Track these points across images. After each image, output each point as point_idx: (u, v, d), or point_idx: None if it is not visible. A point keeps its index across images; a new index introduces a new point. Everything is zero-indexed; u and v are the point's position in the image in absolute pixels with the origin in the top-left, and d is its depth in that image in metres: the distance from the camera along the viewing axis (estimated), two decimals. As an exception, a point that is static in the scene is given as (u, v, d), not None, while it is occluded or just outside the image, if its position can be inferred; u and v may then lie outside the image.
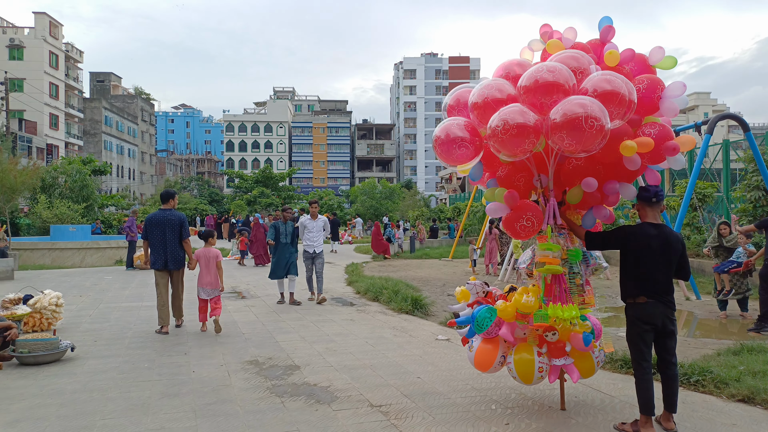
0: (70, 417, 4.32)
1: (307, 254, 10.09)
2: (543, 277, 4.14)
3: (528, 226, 4.25)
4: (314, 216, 10.14)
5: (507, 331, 4.21)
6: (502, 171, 4.51)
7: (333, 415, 4.37)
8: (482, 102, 4.10)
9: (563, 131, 3.68)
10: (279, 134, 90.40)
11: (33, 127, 46.43)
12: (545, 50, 4.43)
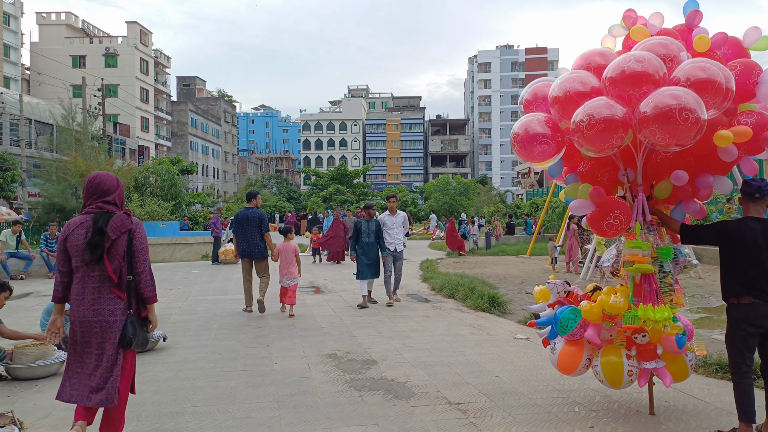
0: (164, 403, 4.58)
1: (387, 252, 9.52)
2: (631, 277, 3.96)
3: (615, 224, 4.06)
4: (393, 211, 9.67)
5: (593, 333, 4.04)
6: (584, 166, 4.32)
7: (411, 411, 4.39)
8: (564, 96, 3.93)
9: (655, 125, 3.49)
10: (353, 132, 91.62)
11: (126, 130, 49.50)
12: (628, 37, 4.22)
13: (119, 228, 3.48)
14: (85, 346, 3.44)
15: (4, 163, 28.78)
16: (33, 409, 4.41)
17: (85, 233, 3.45)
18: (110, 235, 3.44)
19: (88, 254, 3.43)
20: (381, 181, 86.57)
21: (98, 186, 3.57)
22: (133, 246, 3.53)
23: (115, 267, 3.45)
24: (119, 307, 3.46)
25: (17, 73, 51.70)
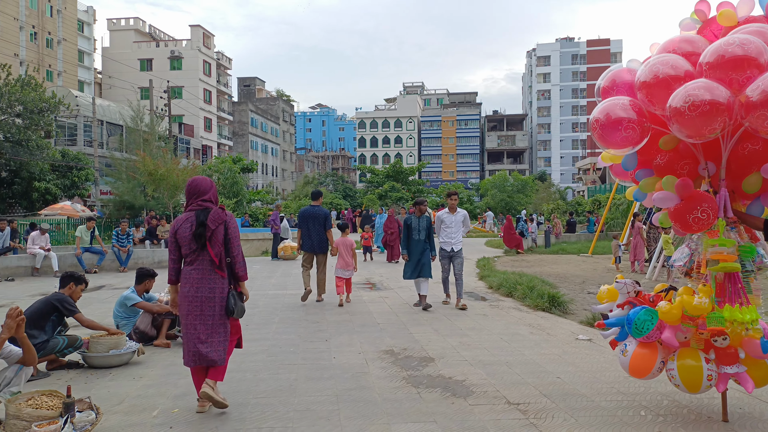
0: (228, 394, 4.72)
1: (443, 252, 8.94)
2: (713, 276, 3.76)
3: (702, 219, 3.81)
4: (452, 209, 9.00)
5: (670, 335, 3.85)
6: (661, 159, 4.11)
7: (470, 410, 4.35)
8: (653, 79, 3.71)
9: (764, 109, 3.31)
10: (408, 129, 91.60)
11: (190, 130, 51.32)
12: (708, 25, 4.01)
13: (217, 220, 4.25)
14: (194, 318, 4.23)
15: (79, 162, 30.38)
16: (108, 396, 4.64)
17: (190, 226, 4.24)
18: (210, 226, 4.21)
19: (194, 243, 4.22)
20: (436, 178, 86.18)
21: (197, 188, 4.36)
22: (228, 234, 4.29)
23: (216, 252, 4.23)
24: (219, 285, 4.25)
25: (90, 77, 54.50)
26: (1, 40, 41.10)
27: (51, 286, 11.26)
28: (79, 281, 5.71)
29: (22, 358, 4.12)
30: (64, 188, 28.93)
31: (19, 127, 27.69)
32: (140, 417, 4.20)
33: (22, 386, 4.14)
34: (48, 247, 13.96)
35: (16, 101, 27.80)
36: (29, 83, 28.61)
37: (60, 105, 29.68)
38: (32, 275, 13.46)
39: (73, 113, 34.52)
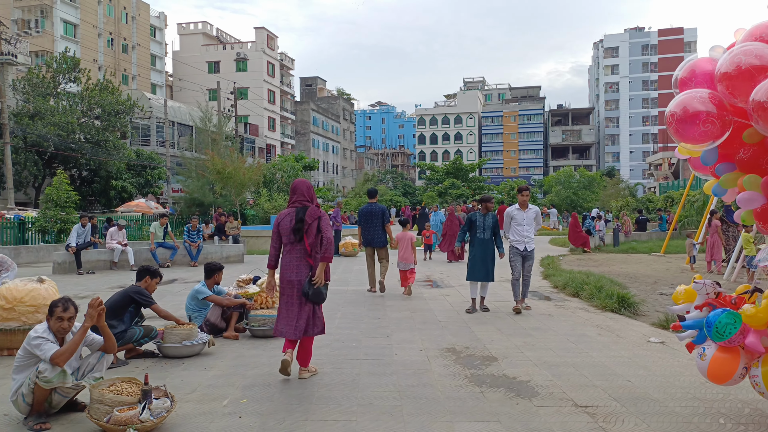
0: (294, 386, 4.83)
1: (514, 251, 8.28)
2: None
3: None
4: (524, 206, 8.38)
5: (755, 340, 3.62)
6: (744, 153, 3.86)
7: (535, 411, 4.27)
8: (735, 71, 3.47)
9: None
10: (469, 125, 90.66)
11: (255, 130, 52.78)
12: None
13: (312, 216, 5.02)
14: (289, 297, 5.02)
15: (152, 162, 31.81)
16: (181, 385, 4.85)
17: (290, 221, 5.03)
18: (307, 221, 4.99)
19: (293, 235, 4.99)
20: (497, 174, 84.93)
21: (297, 188, 5.20)
22: (321, 227, 5.02)
23: (310, 242, 5.00)
24: (309, 268, 5.01)
25: (162, 80, 56.94)
26: (83, 47, 43.58)
27: (128, 279, 11.86)
28: (154, 275, 5.98)
29: (103, 345, 4.36)
30: (138, 186, 30.41)
31: (98, 129, 29.28)
32: (211, 406, 4.36)
33: (104, 372, 4.38)
34: (125, 242, 14.71)
35: (96, 104, 29.40)
36: (107, 87, 30.23)
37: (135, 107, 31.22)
38: (110, 269, 14.22)
39: (147, 115, 36.21)
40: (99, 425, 3.75)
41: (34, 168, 27.48)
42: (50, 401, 4.03)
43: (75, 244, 13.72)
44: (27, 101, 28.14)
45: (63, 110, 27.89)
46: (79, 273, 13.47)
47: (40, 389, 3.89)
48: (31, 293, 6.07)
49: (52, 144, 26.70)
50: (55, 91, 29.04)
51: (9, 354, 5.85)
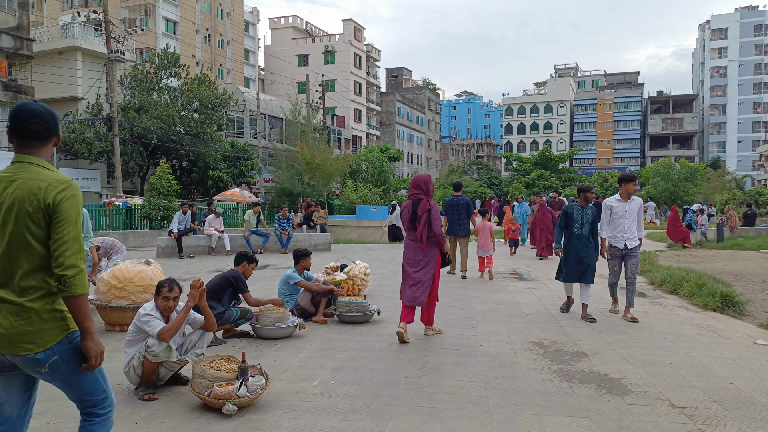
0: (380, 371, 4.95)
1: (614, 251, 7.28)
2: None
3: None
4: (626, 196, 7.26)
5: None
6: None
7: (627, 409, 4.12)
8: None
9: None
10: (559, 114, 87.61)
11: (342, 121, 53.78)
12: None
13: (423, 208, 5.98)
14: (407, 273, 6.10)
15: (246, 153, 33.24)
16: (274, 364, 5.09)
17: (408, 212, 6.09)
18: (418, 213, 5.98)
19: (409, 224, 6.06)
20: (589, 165, 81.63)
21: (414, 183, 6.19)
22: (431, 217, 5.94)
23: (419, 230, 5.98)
24: (422, 253, 6.06)
25: (255, 74, 59.25)
26: (182, 43, 46.17)
27: (224, 264, 12.54)
28: (251, 260, 6.30)
29: (204, 324, 4.65)
30: (233, 176, 31.91)
31: (197, 122, 30.95)
32: (302, 385, 4.55)
33: (205, 349, 4.68)
34: (222, 229, 15.53)
35: (194, 98, 31.07)
36: (204, 81, 31.83)
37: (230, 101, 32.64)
38: (209, 254, 15.08)
39: (241, 108, 37.84)
40: (200, 398, 4.01)
41: (139, 158, 29.51)
42: (157, 374, 4.35)
43: (176, 230, 14.65)
44: (133, 96, 30.23)
45: (165, 104, 29.73)
46: (180, 257, 14.38)
47: (148, 362, 4.22)
48: (139, 274, 6.57)
49: (155, 136, 28.55)
50: (158, 85, 30.97)
51: (121, 330, 6.38)
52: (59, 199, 2.32)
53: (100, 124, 28.90)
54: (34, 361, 2.35)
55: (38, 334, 2.33)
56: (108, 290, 6.43)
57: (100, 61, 30.85)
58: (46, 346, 2.35)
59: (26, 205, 2.32)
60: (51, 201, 2.31)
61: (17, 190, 2.34)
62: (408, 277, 6.10)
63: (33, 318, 2.32)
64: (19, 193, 2.33)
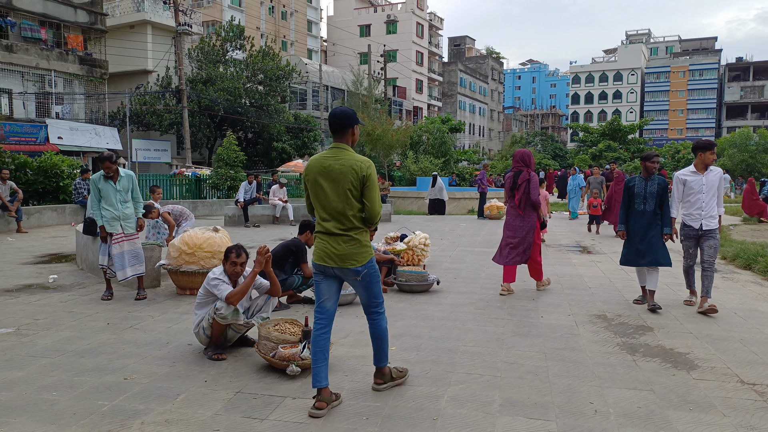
0: (439, 339, 5.02)
1: (688, 231, 6.18)
2: None
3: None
4: (702, 167, 6.11)
5: None
6: None
7: (693, 384, 4.02)
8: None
9: None
10: (629, 82, 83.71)
11: (403, 92, 53.44)
12: None
13: (523, 178, 6.79)
14: (507, 236, 6.95)
15: (308, 124, 33.68)
16: (335, 330, 5.22)
17: (510, 182, 6.89)
18: (518, 182, 6.81)
19: (509, 192, 6.93)
20: (660, 136, 77.87)
21: (516, 156, 7.01)
22: (530, 186, 6.75)
23: (518, 198, 6.82)
24: (519, 219, 6.89)
25: (317, 45, 59.51)
26: (247, 15, 46.82)
27: (288, 233, 12.88)
28: (314, 229, 6.45)
29: (269, 289, 4.84)
30: (296, 148, 32.48)
31: (261, 94, 31.56)
32: (363, 350, 4.68)
33: (269, 313, 4.88)
34: (285, 199, 15.92)
35: (259, 70, 31.62)
36: (268, 53, 32.28)
37: (293, 72, 32.99)
38: (273, 223, 15.53)
39: (303, 79, 38.22)
40: (265, 359, 4.21)
41: (207, 130, 30.48)
42: (225, 335, 4.59)
43: (242, 200, 15.14)
44: (200, 68, 31.09)
45: (230, 76, 30.43)
46: (246, 226, 14.88)
47: (217, 324, 4.45)
48: (207, 241, 6.87)
49: (222, 108, 29.35)
50: (224, 58, 31.70)
51: (191, 293, 6.72)
52: (369, 173, 3.55)
53: (169, 96, 29.96)
54: (355, 272, 3.62)
55: (359, 255, 3.59)
56: (178, 256, 6.76)
57: (168, 35, 31.84)
58: (362, 262, 3.61)
59: (350, 175, 3.52)
60: (365, 174, 3.53)
61: (343, 166, 3.54)
62: (506, 241, 6.92)
63: (356, 245, 3.59)
64: (345, 167, 3.53)
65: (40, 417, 3.38)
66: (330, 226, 3.60)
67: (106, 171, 6.43)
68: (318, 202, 3.64)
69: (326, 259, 3.61)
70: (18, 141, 24.05)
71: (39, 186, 15.16)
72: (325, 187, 3.57)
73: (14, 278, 7.79)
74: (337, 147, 3.64)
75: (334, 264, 3.60)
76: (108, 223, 6.42)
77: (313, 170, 3.65)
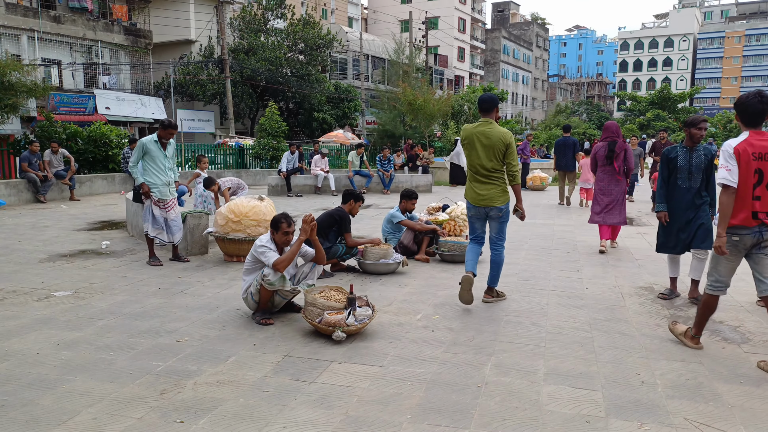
0: (482, 308, 5.04)
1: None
2: None
3: None
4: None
5: None
6: None
7: (744, 357, 3.93)
8: None
9: None
10: (681, 49, 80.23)
11: (444, 61, 52.53)
12: None
13: (620, 147, 7.51)
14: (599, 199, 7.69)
15: (349, 94, 33.59)
16: (379, 298, 5.32)
17: (604, 150, 7.58)
18: (616, 151, 7.50)
19: (605, 160, 7.58)
20: (712, 105, 74.78)
21: (608, 128, 7.82)
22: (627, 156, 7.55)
23: (617, 165, 7.50)
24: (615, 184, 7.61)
25: (358, 13, 58.82)
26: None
27: (330, 203, 13.02)
28: (357, 199, 6.51)
29: (314, 257, 4.92)
30: (337, 118, 32.49)
31: (302, 63, 31.54)
32: (406, 318, 4.73)
33: (315, 281, 4.97)
34: (327, 169, 16.03)
35: (300, 39, 31.54)
36: (309, 22, 32.11)
37: (333, 41, 32.79)
38: (315, 193, 15.69)
39: (344, 48, 38.00)
40: (312, 324, 4.30)
41: (249, 100, 30.74)
42: (272, 301, 4.70)
43: (285, 170, 15.32)
44: (242, 38, 31.22)
45: (272, 46, 30.47)
46: (289, 195, 15.08)
47: (264, 290, 4.55)
48: (253, 209, 7.00)
49: (263, 78, 29.50)
50: (265, 27, 31.70)
51: (237, 260, 6.90)
52: (510, 141, 4.94)
53: (212, 66, 30.27)
54: (498, 209, 5.04)
55: (500, 198, 5.02)
56: (225, 223, 6.93)
57: (211, 3, 32.00)
58: (503, 203, 5.04)
59: (498, 142, 4.92)
60: (508, 142, 4.93)
61: (493, 135, 4.93)
62: (600, 203, 7.64)
63: (500, 191, 5.03)
64: (494, 136, 4.93)
65: (99, 376, 3.55)
66: (481, 177, 5.02)
67: (167, 137, 6.62)
68: (472, 160, 5.05)
69: (478, 201, 5.04)
70: (68, 111, 24.81)
71: (89, 155, 15.67)
72: (479, 150, 4.96)
73: (69, 244, 8.14)
74: (486, 121, 5.01)
75: (484, 204, 5.02)
76: (158, 190, 6.63)
77: (470, 136, 5.04)
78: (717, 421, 3.04)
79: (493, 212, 5.03)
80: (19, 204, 12.73)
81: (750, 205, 3.70)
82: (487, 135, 4.91)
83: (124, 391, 3.32)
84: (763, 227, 3.76)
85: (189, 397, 3.25)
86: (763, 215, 3.70)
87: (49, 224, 9.98)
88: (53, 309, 4.95)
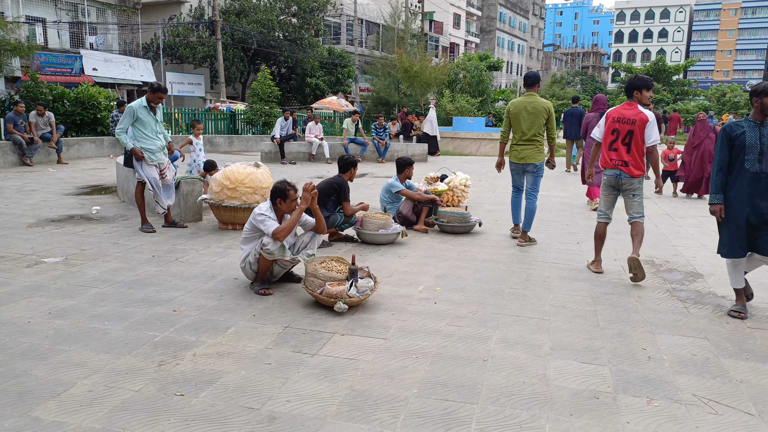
0: (484, 280, 4.96)
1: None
2: None
3: None
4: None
5: None
6: None
7: (749, 333, 3.90)
8: None
9: None
10: (677, 20, 79.51)
11: (440, 28, 51.64)
12: None
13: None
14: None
15: (342, 60, 33.00)
16: (379, 269, 5.23)
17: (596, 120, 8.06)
18: None
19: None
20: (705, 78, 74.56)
21: (597, 101, 9.07)
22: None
23: None
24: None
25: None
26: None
27: (324, 171, 12.85)
28: (355, 165, 6.37)
29: (315, 226, 4.81)
30: (330, 84, 31.96)
31: (295, 26, 30.84)
32: (407, 290, 4.66)
33: (315, 250, 4.86)
34: (321, 137, 15.78)
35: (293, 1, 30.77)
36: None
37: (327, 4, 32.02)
38: (309, 160, 15.47)
39: (338, 12, 37.16)
40: (312, 295, 4.21)
41: (240, 64, 30.11)
42: (271, 271, 4.59)
43: (279, 136, 15.06)
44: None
45: (264, 7, 29.72)
46: (282, 162, 14.87)
47: (263, 259, 4.44)
48: (249, 176, 6.84)
49: (255, 41, 28.85)
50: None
51: (233, 228, 6.77)
52: (551, 110, 6.16)
53: (202, 28, 29.53)
54: (534, 166, 6.29)
55: (537, 156, 6.26)
56: (221, 190, 6.77)
57: (201, -36, 31.05)
58: (539, 161, 6.29)
59: (542, 111, 6.17)
60: (550, 111, 6.17)
61: (536, 106, 6.17)
62: None
63: (536, 151, 6.26)
64: (539, 107, 6.17)
65: (93, 346, 3.45)
66: (524, 141, 6.23)
67: (157, 101, 6.43)
68: (518, 126, 6.24)
69: (519, 159, 6.30)
70: (54, 72, 24.16)
71: (77, 117, 15.30)
72: (525, 117, 6.19)
73: (58, 208, 7.96)
74: (530, 95, 6.24)
75: (524, 161, 6.28)
76: (153, 155, 6.48)
77: (518, 107, 6.24)
78: (726, 398, 3.00)
79: (530, 167, 6.28)
80: (4, 167, 12.43)
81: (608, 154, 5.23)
82: (533, 105, 6.15)
83: (121, 362, 3.22)
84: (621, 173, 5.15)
85: (188, 369, 3.16)
86: (615, 162, 5.16)
87: (37, 188, 9.76)
88: (44, 276, 4.81)
